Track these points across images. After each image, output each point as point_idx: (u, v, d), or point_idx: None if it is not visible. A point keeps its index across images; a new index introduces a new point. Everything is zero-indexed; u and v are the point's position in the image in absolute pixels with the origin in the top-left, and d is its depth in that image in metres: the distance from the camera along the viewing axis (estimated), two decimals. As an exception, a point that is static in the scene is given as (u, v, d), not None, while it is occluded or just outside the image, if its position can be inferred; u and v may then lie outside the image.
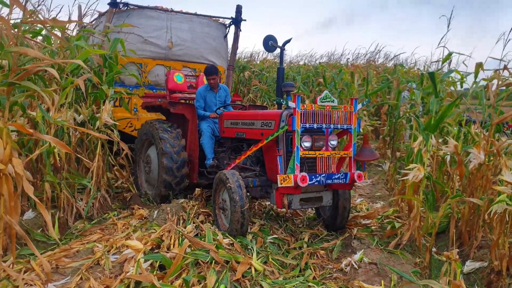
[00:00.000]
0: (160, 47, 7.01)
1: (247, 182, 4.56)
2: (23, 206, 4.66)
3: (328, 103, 4.25)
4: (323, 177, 4.21)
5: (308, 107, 4.15)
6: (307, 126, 4.14)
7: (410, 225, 4.34)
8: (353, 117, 4.35)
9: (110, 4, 6.59)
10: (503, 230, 3.69)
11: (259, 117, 4.78)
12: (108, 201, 5.58)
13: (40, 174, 4.89)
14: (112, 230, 4.67)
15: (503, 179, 3.56)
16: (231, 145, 5.38)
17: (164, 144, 5.35)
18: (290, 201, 4.33)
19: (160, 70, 7.06)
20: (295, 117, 4.07)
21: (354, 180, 4.31)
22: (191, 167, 5.55)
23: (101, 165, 5.45)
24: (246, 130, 4.95)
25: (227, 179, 4.36)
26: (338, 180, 4.29)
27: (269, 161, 4.61)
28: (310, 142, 4.26)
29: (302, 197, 4.42)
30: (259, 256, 3.98)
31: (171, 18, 7.11)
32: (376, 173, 7.88)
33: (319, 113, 4.21)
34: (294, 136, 4.10)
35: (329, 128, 4.29)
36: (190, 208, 5.01)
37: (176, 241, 4.08)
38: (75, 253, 3.95)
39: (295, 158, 4.05)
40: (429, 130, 4.38)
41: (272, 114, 4.64)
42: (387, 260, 3.95)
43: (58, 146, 3.37)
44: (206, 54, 7.40)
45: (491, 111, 4.88)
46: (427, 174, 4.15)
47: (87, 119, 5.43)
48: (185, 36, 7.20)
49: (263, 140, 4.46)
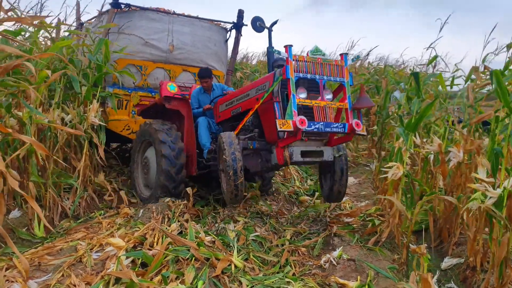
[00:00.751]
0: (161, 50, 6.95)
1: (246, 144, 4.62)
2: (9, 205, 4.70)
3: (319, 56, 4.31)
4: (322, 125, 4.20)
5: (300, 58, 4.20)
6: (300, 75, 4.18)
7: (389, 223, 4.42)
8: (344, 71, 4.38)
9: (112, 4, 6.54)
10: (478, 227, 3.78)
11: (253, 86, 4.90)
12: (95, 201, 5.64)
13: (27, 173, 4.94)
14: (97, 228, 4.72)
15: (477, 177, 3.63)
16: (227, 126, 5.36)
17: (163, 147, 5.36)
18: (291, 153, 4.37)
19: (159, 73, 7.01)
20: (288, 66, 4.12)
21: (353, 129, 4.26)
22: (189, 161, 5.56)
23: (88, 165, 5.50)
24: (241, 104, 5.01)
25: (224, 150, 4.38)
26: (336, 129, 4.28)
27: (266, 123, 4.64)
28: (305, 94, 4.30)
29: (303, 150, 4.46)
30: (240, 253, 4.05)
31: (173, 20, 7.04)
32: (363, 173, 7.97)
33: (311, 66, 4.24)
34: (289, 86, 4.10)
35: (322, 79, 4.30)
36: (176, 207, 5.07)
37: (160, 239, 4.13)
38: (58, 251, 3.99)
39: (292, 104, 4.05)
40: (409, 130, 4.46)
41: (265, 77, 4.77)
42: (366, 257, 4.03)
43: (35, 147, 3.43)
44: (206, 59, 7.34)
45: (471, 111, 4.98)
46: (406, 172, 4.22)
47: (74, 118, 5.47)
48: (186, 40, 7.15)
49: (259, 100, 4.51)
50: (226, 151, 4.34)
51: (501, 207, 3.35)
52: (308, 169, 8.04)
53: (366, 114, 10.39)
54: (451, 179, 4.84)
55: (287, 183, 7.12)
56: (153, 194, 5.55)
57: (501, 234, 3.37)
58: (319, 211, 5.58)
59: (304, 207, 6.04)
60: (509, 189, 3.34)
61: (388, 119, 7.83)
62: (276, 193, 6.30)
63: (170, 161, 5.32)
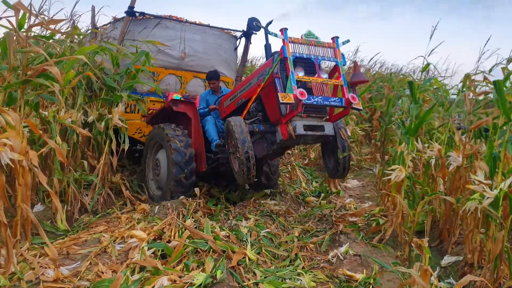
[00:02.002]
0: (173, 57, 7.16)
1: (252, 127, 4.92)
2: (32, 199, 4.98)
3: (312, 39, 4.64)
4: (320, 99, 4.51)
5: (295, 39, 4.53)
6: (297, 54, 4.51)
7: (392, 222, 4.69)
8: (337, 52, 4.70)
9: (127, 13, 6.79)
10: (475, 226, 4.05)
11: (253, 75, 5.23)
12: (112, 197, 5.92)
13: (49, 170, 5.21)
14: (116, 223, 5.00)
15: (476, 179, 3.90)
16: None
17: (172, 141, 5.69)
18: (294, 127, 4.64)
19: (171, 79, 7.23)
20: (285, 46, 4.44)
21: (350, 102, 4.54)
22: (198, 158, 5.85)
23: (107, 163, 5.79)
24: (244, 94, 5.32)
25: (233, 132, 4.68)
26: (334, 103, 4.58)
27: (269, 105, 4.95)
28: (303, 72, 4.59)
29: (305, 124, 4.73)
30: (253, 248, 4.33)
31: (185, 28, 7.27)
32: (366, 176, 8.24)
33: (306, 47, 4.57)
34: (287, 64, 4.40)
35: (317, 59, 4.66)
36: (189, 204, 5.35)
37: (177, 233, 4.42)
38: (83, 242, 4.28)
39: (291, 80, 4.36)
40: (409, 134, 4.74)
41: (264, 64, 5.10)
42: (371, 253, 4.31)
43: (57, 153, 3.71)
44: (217, 66, 7.52)
45: (472, 117, 5.26)
46: (408, 174, 4.50)
47: (96, 119, 5.75)
48: (198, 47, 7.37)
49: (261, 83, 4.81)
50: (236, 133, 4.64)
51: (497, 207, 3.62)
52: (313, 172, 8.32)
53: (369, 120, 10.69)
54: (450, 182, 5.11)
55: (294, 184, 7.40)
56: (164, 195, 5.85)
57: (497, 232, 3.64)
58: (325, 211, 5.86)
59: (311, 207, 6.31)
60: (505, 191, 3.61)
61: (391, 125, 8.12)
62: (284, 193, 6.58)
63: (180, 152, 5.62)
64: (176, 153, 5.64)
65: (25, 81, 3.48)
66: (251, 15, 8.04)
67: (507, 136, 3.99)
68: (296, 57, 4.50)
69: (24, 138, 3.43)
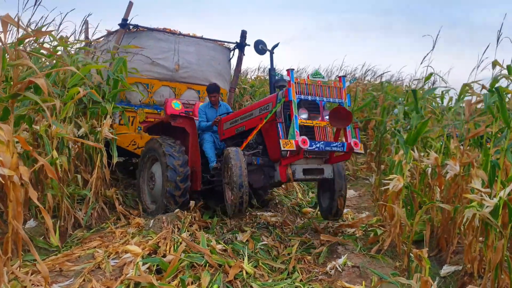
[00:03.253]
0: (167, 69, 7.19)
1: (250, 159, 4.88)
2: (25, 215, 4.89)
3: (319, 79, 4.63)
4: (322, 144, 4.53)
5: (301, 80, 4.54)
6: (302, 97, 4.52)
7: (391, 232, 4.64)
8: (343, 92, 4.72)
9: (121, 25, 6.81)
10: (474, 235, 4.01)
11: (256, 106, 5.17)
12: (106, 212, 5.84)
13: (42, 185, 5.13)
14: (110, 237, 4.91)
15: (473, 187, 3.88)
16: (232, 144, 5.56)
17: (168, 158, 5.58)
18: (293, 171, 4.63)
19: (165, 91, 7.25)
20: (290, 89, 4.44)
21: (351, 148, 4.59)
22: (194, 176, 5.77)
23: (99, 177, 5.71)
24: (245, 122, 5.26)
25: (230, 158, 4.66)
26: (336, 148, 4.61)
27: (270, 142, 4.90)
28: (307, 114, 4.61)
29: (305, 168, 4.73)
30: (250, 261, 4.26)
31: (178, 41, 7.31)
32: (363, 186, 8.21)
33: (312, 88, 4.59)
34: (291, 107, 4.42)
35: (322, 101, 4.65)
36: (185, 217, 5.27)
37: (172, 247, 4.35)
38: (76, 258, 4.20)
39: (294, 125, 4.36)
40: (408, 144, 4.72)
41: (268, 98, 5.06)
42: (369, 264, 4.26)
43: (47, 169, 3.66)
44: (211, 77, 7.56)
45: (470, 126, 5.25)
46: (406, 184, 4.47)
47: (87, 132, 5.69)
48: (192, 59, 7.40)
49: (263, 120, 4.77)
50: (233, 165, 4.60)
51: (496, 215, 3.59)
52: (309, 182, 8.27)
53: (364, 129, 10.69)
54: (447, 190, 5.09)
55: (290, 195, 7.34)
56: (159, 208, 5.76)
57: (496, 241, 3.60)
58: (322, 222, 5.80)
59: (307, 218, 6.25)
60: (504, 199, 3.58)
61: (386, 134, 8.11)
62: (280, 205, 6.52)
63: (176, 170, 5.54)
64: (171, 171, 5.55)
65: (14, 95, 3.43)
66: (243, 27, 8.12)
67: (507, 144, 3.98)
68: (301, 99, 4.50)
69: (15, 153, 3.37)
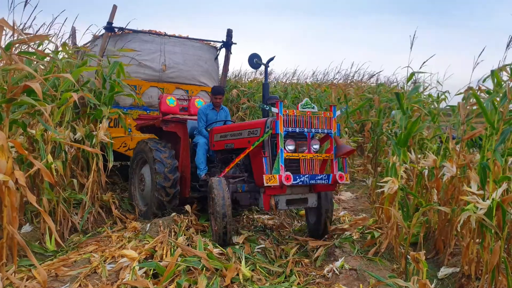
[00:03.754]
0: (154, 70, 7.27)
1: (235, 187, 4.86)
2: (20, 220, 4.86)
3: (308, 109, 4.61)
4: (307, 178, 4.53)
5: (290, 112, 4.52)
6: (289, 130, 4.51)
7: (387, 234, 4.64)
8: (332, 122, 4.72)
9: (106, 28, 6.85)
10: (471, 237, 4.01)
11: (245, 127, 5.13)
12: (102, 216, 5.81)
13: (37, 189, 5.11)
14: (107, 242, 4.88)
15: (469, 190, 3.88)
16: (221, 157, 5.64)
17: (157, 164, 5.58)
18: (276, 202, 4.63)
19: (153, 92, 7.31)
20: (278, 122, 4.42)
21: (336, 180, 4.63)
22: (183, 182, 5.78)
23: (96, 181, 5.69)
24: (234, 140, 5.26)
25: (213, 188, 4.67)
26: (321, 181, 4.61)
27: (256, 167, 4.89)
28: (294, 146, 4.62)
29: (288, 198, 4.73)
30: (247, 264, 4.24)
31: (164, 41, 7.39)
32: (359, 188, 8.20)
33: (301, 118, 4.58)
34: (278, 140, 4.43)
35: (310, 132, 4.64)
36: (181, 221, 5.25)
37: (169, 251, 4.33)
38: (72, 263, 4.17)
39: (279, 159, 4.37)
40: (400, 145, 4.73)
41: (257, 122, 5.01)
42: (366, 267, 4.24)
43: (43, 173, 3.64)
44: (198, 76, 7.68)
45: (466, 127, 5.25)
46: (401, 186, 4.47)
47: (84, 136, 5.67)
48: (178, 59, 7.48)
49: (250, 146, 4.76)
50: (216, 195, 4.60)
51: (491, 217, 3.59)
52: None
53: (361, 130, 10.70)
54: (444, 192, 5.09)
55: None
56: (149, 209, 5.77)
57: (493, 243, 3.60)
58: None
59: (304, 220, 6.23)
60: (497, 201, 3.59)
61: (382, 136, 8.12)
62: (277, 208, 6.50)
63: (165, 177, 5.53)
64: (160, 177, 5.55)
65: (9, 100, 3.41)
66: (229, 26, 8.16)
67: (494, 145, 3.99)
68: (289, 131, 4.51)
69: (10, 157, 3.35)
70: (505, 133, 3.69)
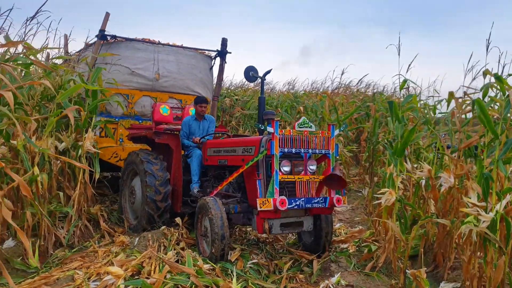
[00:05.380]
0: (147, 79, 7.12)
1: (228, 209, 4.62)
2: (2, 235, 4.66)
3: (306, 129, 4.44)
4: (303, 201, 4.34)
5: (286, 132, 4.32)
6: (285, 150, 4.31)
7: (385, 248, 4.47)
8: (331, 142, 4.53)
9: (98, 36, 6.72)
10: (472, 251, 3.84)
11: (240, 144, 4.91)
12: (90, 229, 5.60)
13: (21, 203, 4.90)
14: (93, 257, 4.68)
15: (469, 201, 3.72)
16: (214, 173, 5.45)
17: (148, 177, 5.40)
18: (270, 226, 4.42)
19: (146, 101, 7.16)
20: (273, 142, 4.23)
21: (333, 204, 4.45)
22: (175, 196, 5.59)
23: (82, 193, 5.49)
24: (228, 157, 5.06)
25: (209, 208, 4.42)
26: (317, 204, 4.42)
27: (250, 187, 4.71)
28: (290, 167, 4.40)
29: (283, 222, 4.52)
30: (239, 281, 4.05)
31: (158, 50, 7.26)
32: (355, 199, 8.04)
33: (298, 138, 4.39)
34: (273, 160, 4.24)
35: (307, 153, 4.45)
36: (171, 235, 5.06)
37: (157, 267, 4.13)
38: (55, 281, 3.96)
39: (274, 182, 4.18)
40: (397, 155, 4.57)
41: (252, 140, 4.79)
42: (364, 282, 4.07)
43: (21, 188, 3.46)
44: (192, 86, 7.53)
45: (461, 136, 5.11)
46: (398, 197, 4.31)
47: (69, 147, 5.48)
48: (172, 68, 7.34)
49: (244, 165, 4.58)
50: (213, 216, 4.34)
51: (494, 230, 3.43)
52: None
53: (357, 140, 10.56)
54: (442, 203, 4.93)
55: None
56: (139, 223, 5.58)
57: (496, 258, 3.44)
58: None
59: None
60: (501, 213, 3.43)
61: (378, 145, 7.98)
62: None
63: (156, 190, 5.36)
64: (151, 190, 5.36)
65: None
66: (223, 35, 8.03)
67: (497, 154, 3.84)
68: (284, 152, 4.33)
69: (-14, 170, 3.16)
70: (510, 143, 3.54)
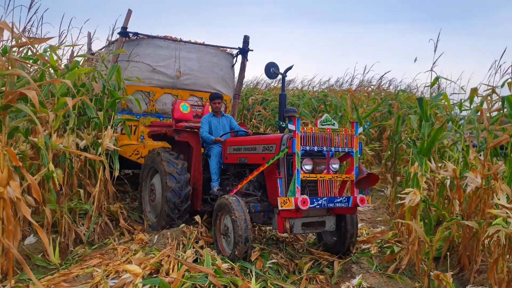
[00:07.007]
0: (168, 76, 7.10)
1: (248, 208, 4.54)
2: (24, 231, 4.71)
3: (328, 126, 4.32)
4: (325, 201, 4.22)
5: (308, 130, 4.22)
6: (307, 148, 4.20)
7: (409, 249, 4.33)
8: (354, 140, 4.41)
9: (120, 33, 6.74)
10: (500, 254, 3.69)
11: (260, 142, 4.83)
12: (110, 226, 5.62)
13: (43, 199, 4.94)
14: (112, 255, 4.69)
15: (498, 202, 3.57)
16: (234, 171, 5.39)
17: (169, 178, 5.36)
18: (291, 225, 4.31)
19: (167, 99, 7.13)
20: (295, 140, 4.13)
21: (357, 204, 4.32)
22: (195, 194, 5.54)
23: (102, 190, 5.51)
24: (248, 155, 4.99)
25: (232, 209, 4.32)
26: (340, 204, 4.30)
27: (270, 186, 4.63)
28: (311, 165, 4.29)
29: (304, 222, 4.42)
30: (258, 281, 3.98)
31: (179, 47, 7.21)
32: (378, 198, 7.89)
33: (320, 136, 4.28)
34: (294, 159, 4.15)
35: (330, 151, 4.34)
36: (190, 233, 5.03)
37: (175, 266, 4.10)
38: (74, 278, 3.97)
39: (295, 180, 4.08)
40: (423, 154, 4.43)
41: (273, 138, 4.71)
42: (386, 285, 3.96)
43: (33, 190, 3.49)
44: (213, 84, 7.47)
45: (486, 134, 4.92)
46: (423, 198, 4.17)
47: (89, 144, 5.51)
48: (193, 66, 7.30)
49: (264, 164, 4.51)
50: (237, 217, 4.24)
51: (525, 233, 3.28)
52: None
53: (379, 139, 10.37)
54: (467, 204, 4.76)
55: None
56: (159, 222, 5.57)
57: (527, 261, 3.29)
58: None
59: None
60: (532, 215, 3.28)
61: (401, 144, 7.81)
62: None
63: (175, 192, 5.31)
64: (171, 192, 5.32)
65: (5, 107, 3.24)
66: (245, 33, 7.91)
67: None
68: (306, 150, 4.22)
69: (5, 167, 3.18)
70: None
